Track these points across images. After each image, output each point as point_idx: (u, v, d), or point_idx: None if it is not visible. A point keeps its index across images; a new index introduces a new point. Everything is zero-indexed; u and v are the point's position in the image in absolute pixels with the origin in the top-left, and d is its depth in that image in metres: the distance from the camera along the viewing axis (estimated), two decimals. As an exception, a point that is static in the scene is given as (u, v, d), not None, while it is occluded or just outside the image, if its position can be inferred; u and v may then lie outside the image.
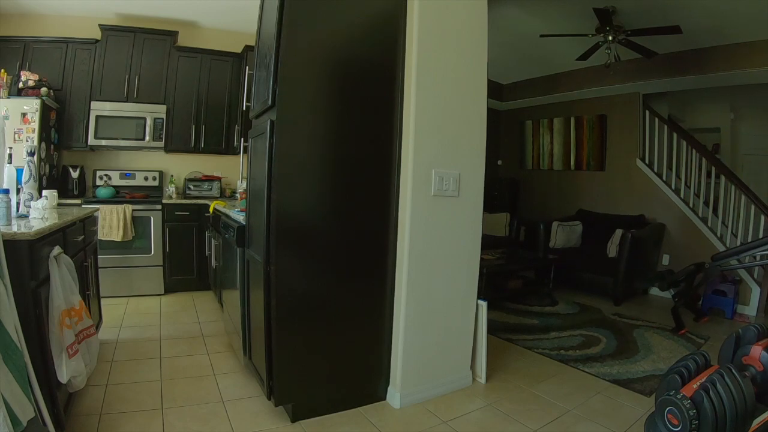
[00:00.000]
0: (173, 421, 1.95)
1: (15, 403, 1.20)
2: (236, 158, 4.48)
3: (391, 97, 2.17)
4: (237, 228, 2.39)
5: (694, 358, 1.10)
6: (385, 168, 2.19)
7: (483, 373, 2.48)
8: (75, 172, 4.02)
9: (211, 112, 4.40)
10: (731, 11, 3.63)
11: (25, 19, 3.99)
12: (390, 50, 2.15)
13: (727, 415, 0.92)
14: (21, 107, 3.42)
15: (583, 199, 5.70)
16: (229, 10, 4.12)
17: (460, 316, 2.40)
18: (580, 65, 5.16)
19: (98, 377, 2.29)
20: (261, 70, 2.19)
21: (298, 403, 2.03)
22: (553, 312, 3.96)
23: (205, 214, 3.98)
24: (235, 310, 2.54)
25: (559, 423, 2.08)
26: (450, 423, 2.06)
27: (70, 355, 1.66)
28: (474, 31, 2.30)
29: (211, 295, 4.05)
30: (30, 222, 1.82)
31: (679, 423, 0.95)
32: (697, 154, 4.77)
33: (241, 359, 2.50)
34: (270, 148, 1.90)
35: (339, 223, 2.08)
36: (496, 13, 3.82)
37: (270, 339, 1.97)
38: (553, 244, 4.98)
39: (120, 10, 4.08)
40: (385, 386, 2.27)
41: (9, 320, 1.29)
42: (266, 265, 1.95)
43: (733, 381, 0.94)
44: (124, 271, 3.87)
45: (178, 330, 3.14)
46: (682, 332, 3.42)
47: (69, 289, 1.77)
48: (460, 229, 2.33)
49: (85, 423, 1.88)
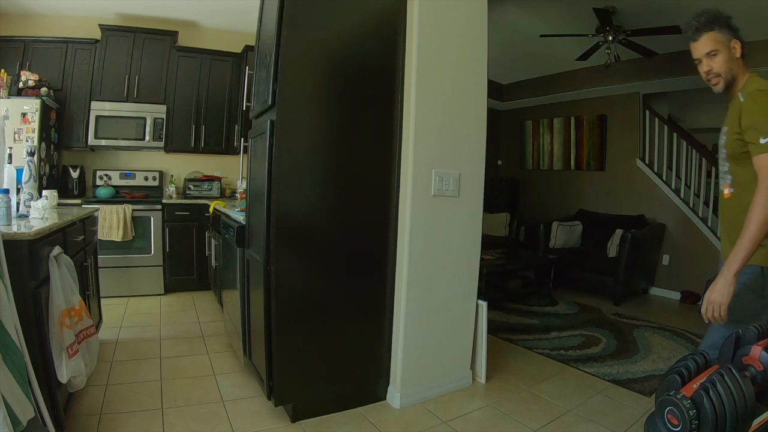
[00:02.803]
0: (173, 421, 1.95)
1: (15, 403, 1.20)
2: (236, 158, 4.48)
3: (391, 97, 2.17)
4: (237, 228, 2.39)
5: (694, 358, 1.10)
6: (385, 168, 2.19)
7: (483, 373, 2.48)
8: (75, 172, 4.02)
9: (211, 112, 4.40)
10: (731, 11, 3.62)
11: (25, 19, 3.99)
12: (390, 50, 2.15)
13: (727, 415, 0.92)
14: (21, 107, 3.42)
15: (583, 199, 5.70)
16: (229, 10, 4.12)
17: (460, 316, 2.40)
18: (580, 65, 5.15)
19: (98, 377, 2.29)
20: (261, 70, 2.19)
21: (298, 403, 2.03)
22: (553, 312, 3.96)
23: (205, 214, 3.98)
24: (235, 310, 2.54)
25: (559, 423, 2.08)
26: (450, 423, 2.06)
27: (70, 355, 1.66)
28: (474, 31, 2.30)
29: (211, 295, 4.05)
30: (30, 222, 1.82)
31: (679, 423, 0.95)
32: (697, 154, 4.77)
33: (241, 359, 2.50)
34: (270, 148, 1.90)
35: (339, 223, 2.08)
36: (496, 13, 3.81)
37: (270, 339, 1.97)
38: (553, 244, 4.98)
39: (120, 10, 4.08)
40: (385, 386, 2.27)
41: (9, 320, 1.29)
42: (266, 265, 1.95)
43: (733, 381, 0.94)
44: (124, 271, 3.86)
45: (178, 330, 3.14)
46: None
47: (69, 289, 1.76)
48: (460, 229, 2.33)
49: (85, 423, 1.88)
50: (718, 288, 1.34)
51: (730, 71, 1.46)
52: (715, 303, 1.35)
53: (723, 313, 1.34)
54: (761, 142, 1.30)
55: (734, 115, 1.42)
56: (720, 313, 1.34)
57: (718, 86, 1.49)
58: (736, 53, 1.46)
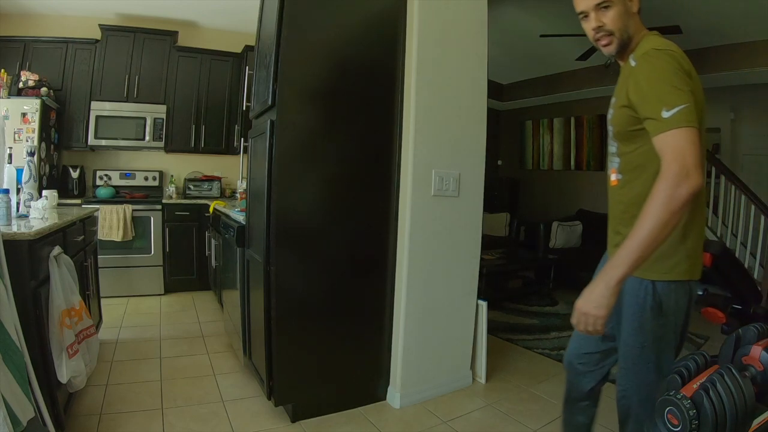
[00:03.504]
0: (173, 421, 1.95)
1: (15, 403, 1.20)
2: (236, 158, 4.48)
3: (391, 97, 2.17)
4: (237, 228, 2.39)
5: (694, 358, 1.09)
6: (385, 168, 2.19)
7: (483, 373, 2.48)
8: (75, 172, 4.02)
9: (211, 112, 4.40)
10: (731, 11, 3.63)
11: (25, 19, 3.99)
12: (390, 50, 2.15)
13: (727, 415, 0.92)
14: (21, 107, 3.42)
15: (583, 199, 5.70)
16: (229, 10, 4.12)
17: (460, 316, 2.40)
18: (580, 65, 5.15)
19: (98, 377, 2.29)
20: (261, 70, 2.19)
21: (298, 403, 2.03)
22: (553, 312, 3.96)
23: (205, 214, 3.98)
24: (235, 310, 2.54)
25: (559, 423, 2.08)
26: (450, 423, 2.06)
27: (70, 355, 1.66)
28: (474, 31, 2.30)
29: (211, 295, 4.05)
30: (30, 222, 1.82)
31: (679, 423, 0.95)
32: (697, 154, 4.76)
33: (241, 359, 2.50)
34: (270, 148, 1.90)
35: (339, 223, 2.08)
36: (496, 13, 3.81)
37: (270, 339, 1.97)
38: (553, 244, 4.98)
39: (120, 10, 4.08)
40: (385, 386, 2.27)
41: (9, 320, 1.29)
42: (266, 265, 1.95)
43: (733, 381, 0.94)
44: (124, 271, 3.86)
45: (178, 330, 3.14)
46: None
47: (69, 289, 1.76)
48: (460, 229, 2.33)
49: (85, 423, 1.88)
50: (595, 297, 1.01)
51: (626, 29, 1.13)
52: (589, 316, 1.01)
53: (599, 327, 1.02)
54: (664, 116, 0.97)
55: (624, 83, 1.12)
56: (595, 327, 1.02)
57: (609, 47, 1.17)
58: (633, 7, 1.13)
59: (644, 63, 1.05)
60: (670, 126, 0.96)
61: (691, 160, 0.94)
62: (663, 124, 0.98)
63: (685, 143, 0.95)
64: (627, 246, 0.98)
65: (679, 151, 0.95)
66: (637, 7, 1.14)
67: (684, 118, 0.96)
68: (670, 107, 0.97)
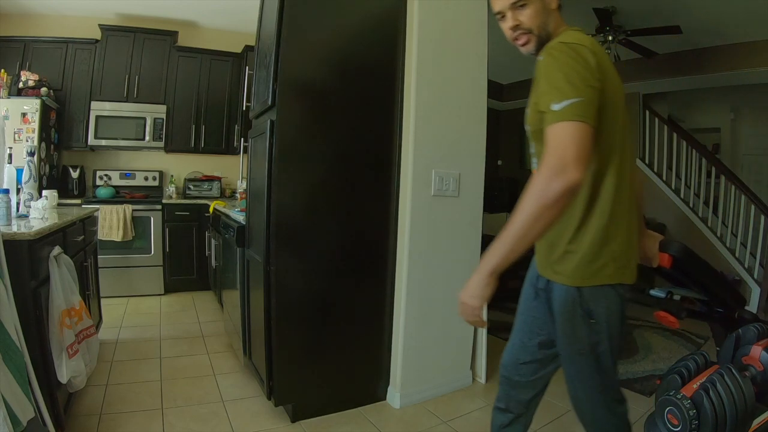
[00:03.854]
0: (173, 421, 1.95)
1: (15, 403, 1.20)
2: (236, 158, 4.48)
3: (391, 97, 2.17)
4: (237, 228, 2.39)
5: (694, 358, 1.10)
6: (385, 168, 2.19)
7: (483, 373, 2.48)
8: (75, 172, 4.02)
9: (211, 112, 4.40)
10: (731, 11, 3.63)
11: (25, 19, 3.99)
12: (390, 50, 2.15)
13: (727, 415, 0.92)
14: (21, 107, 3.42)
15: (583, 199, 5.69)
16: (229, 10, 4.12)
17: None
18: (579, 65, 5.15)
19: (98, 377, 2.29)
20: (261, 70, 2.19)
21: (298, 403, 2.03)
22: (553, 312, 3.96)
23: (205, 214, 3.98)
24: (235, 310, 2.54)
25: (559, 423, 2.08)
26: (450, 423, 2.06)
27: (70, 355, 1.66)
28: (474, 31, 2.30)
29: (211, 295, 4.05)
30: (30, 222, 1.82)
31: (679, 423, 0.95)
32: (697, 154, 4.77)
33: (241, 359, 2.50)
34: (270, 148, 1.90)
35: (339, 223, 2.08)
36: (496, 13, 3.81)
37: (270, 339, 1.97)
38: (553, 244, 4.97)
39: (120, 10, 4.08)
40: (385, 386, 2.27)
41: (9, 320, 1.29)
42: (266, 265, 1.95)
43: (733, 381, 0.94)
44: (124, 271, 3.86)
45: (178, 330, 3.14)
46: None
47: (69, 289, 1.76)
48: (460, 229, 2.33)
49: (85, 423, 1.88)
50: (471, 288, 1.04)
51: (544, 26, 1.10)
52: (467, 306, 1.06)
53: (478, 317, 1.07)
54: (553, 109, 0.94)
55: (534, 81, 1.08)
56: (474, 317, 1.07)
57: (528, 46, 1.13)
58: (551, 3, 1.11)
59: (546, 57, 1.02)
60: (557, 119, 0.92)
61: (571, 155, 0.89)
62: (551, 117, 0.94)
63: (568, 137, 0.91)
64: (500, 238, 0.98)
65: (560, 144, 0.91)
66: (556, 3, 1.11)
67: (574, 112, 0.91)
68: (559, 100, 0.93)
